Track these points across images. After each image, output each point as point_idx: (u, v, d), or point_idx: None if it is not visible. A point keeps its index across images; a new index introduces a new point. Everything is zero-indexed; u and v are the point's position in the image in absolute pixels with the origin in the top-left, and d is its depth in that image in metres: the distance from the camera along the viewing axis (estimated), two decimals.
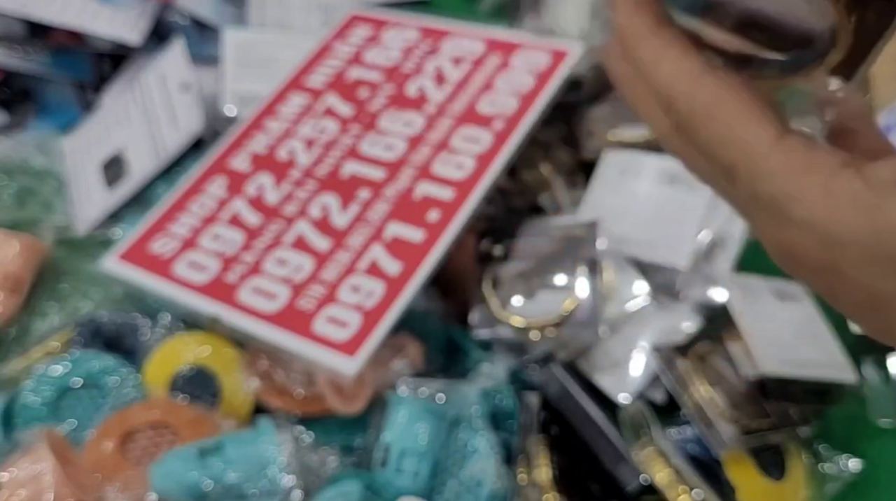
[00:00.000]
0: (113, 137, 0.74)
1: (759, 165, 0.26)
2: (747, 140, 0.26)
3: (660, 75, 0.27)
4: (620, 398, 0.57)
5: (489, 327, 0.60)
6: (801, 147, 0.25)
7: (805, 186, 0.25)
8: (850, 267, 0.24)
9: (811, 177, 0.25)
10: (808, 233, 0.25)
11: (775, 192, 0.25)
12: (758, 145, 0.26)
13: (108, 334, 0.60)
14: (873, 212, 0.24)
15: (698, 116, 0.27)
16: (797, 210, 0.25)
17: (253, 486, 0.50)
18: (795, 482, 0.55)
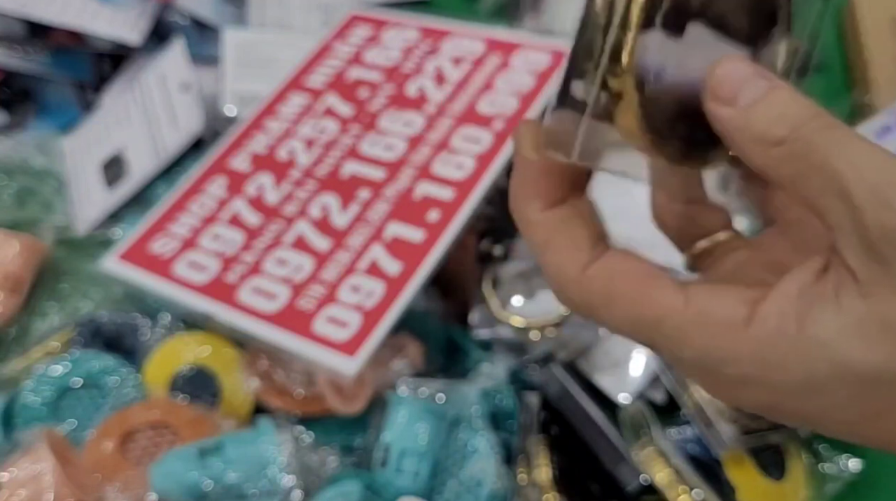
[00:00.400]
0: (113, 137, 0.74)
1: (673, 337, 0.26)
2: (652, 316, 0.26)
3: (548, 271, 0.28)
4: (620, 398, 0.57)
5: (489, 327, 0.60)
6: (709, 305, 0.25)
7: (730, 344, 0.25)
8: (789, 402, 0.25)
9: (728, 335, 0.25)
10: (744, 385, 0.25)
11: (699, 356, 0.25)
12: (665, 318, 0.26)
13: (108, 334, 0.60)
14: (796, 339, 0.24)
15: (596, 306, 0.27)
16: (726, 370, 0.25)
17: (253, 486, 0.50)
18: (795, 482, 0.55)
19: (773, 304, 0.24)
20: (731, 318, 0.25)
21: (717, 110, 0.26)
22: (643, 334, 0.26)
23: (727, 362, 0.25)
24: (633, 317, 0.26)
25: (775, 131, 0.25)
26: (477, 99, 0.68)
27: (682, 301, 0.26)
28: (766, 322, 0.24)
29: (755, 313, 0.25)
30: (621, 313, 0.26)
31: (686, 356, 0.26)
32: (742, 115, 0.25)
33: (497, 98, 0.68)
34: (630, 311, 0.26)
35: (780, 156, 0.25)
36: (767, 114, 0.25)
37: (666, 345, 0.26)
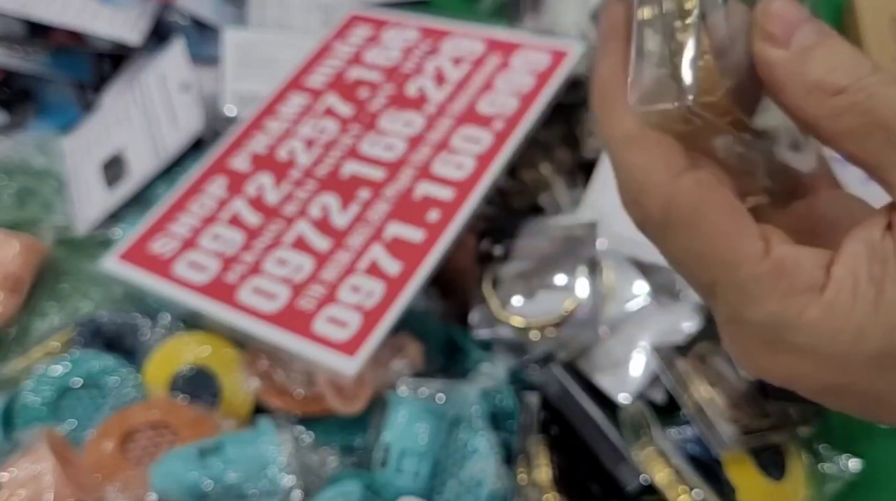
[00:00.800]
0: (113, 137, 0.74)
1: (743, 287, 0.23)
2: (733, 261, 0.23)
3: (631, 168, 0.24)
4: (620, 398, 0.57)
5: (489, 327, 0.60)
6: (789, 262, 0.23)
7: (802, 309, 0.22)
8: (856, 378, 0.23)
9: (806, 296, 0.22)
10: (808, 358, 0.23)
11: (766, 318, 0.23)
12: (746, 268, 0.23)
13: (108, 334, 0.60)
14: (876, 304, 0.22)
15: (673, 225, 0.24)
16: (796, 337, 0.23)
17: (253, 486, 0.50)
18: (795, 482, 0.55)
19: (844, 266, 0.22)
20: (810, 280, 0.23)
21: (768, 52, 0.24)
22: (709, 274, 0.23)
23: (797, 328, 0.22)
24: (707, 251, 0.23)
25: (835, 79, 0.23)
26: (477, 99, 0.68)
27: (761, 250, 0.23)
28: (841, 286, 0.22)
29: (829, 277, 0.22)
30: (697, 241, 0.23)
31: (751, 314, 0.23)
32: (798, 58, 0.23)
33: (497, 98, 0.68)
34: (708, 243, 0.23)
35: (838, 107, 0.23)
36: (827, 61, 0.23)
37: (730, 296, 0.23)
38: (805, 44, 0.23)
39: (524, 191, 0.69)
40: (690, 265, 0.24)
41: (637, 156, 0.24)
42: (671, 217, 0.23)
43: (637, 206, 0.24)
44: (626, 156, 0.24)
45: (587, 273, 0.60)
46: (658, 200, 0.24)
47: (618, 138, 0.24)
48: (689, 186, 0.23)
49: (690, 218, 0.23)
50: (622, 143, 0.24)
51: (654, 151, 0.24)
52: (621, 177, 0.24)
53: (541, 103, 0.66)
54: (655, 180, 0.24)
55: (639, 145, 0.24)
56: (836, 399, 0.24)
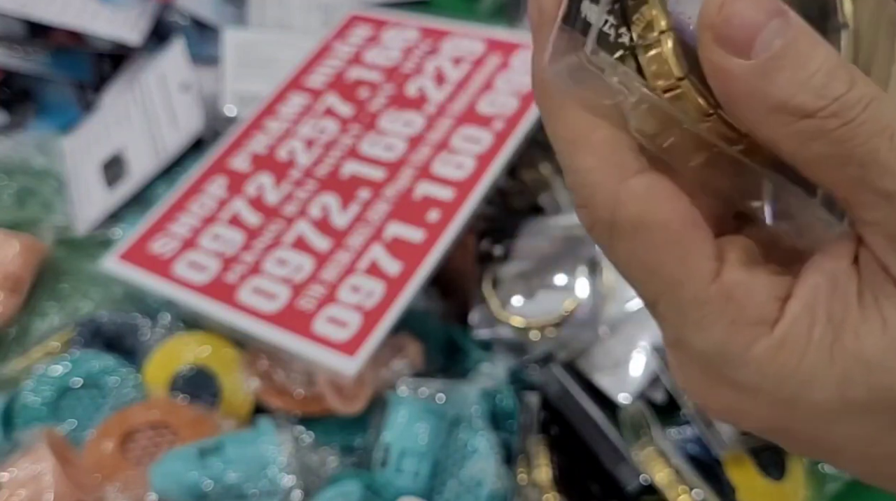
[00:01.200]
0: (113, 137, 0.74)
1: (687, 310, 0.21)
2: (678, 278, 0.21)
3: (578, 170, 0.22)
4: (620, 398, 0.57)
5: (489, 327, 0.60)
6: (740, 290, 0.21)
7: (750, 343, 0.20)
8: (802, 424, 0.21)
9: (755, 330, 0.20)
10: (750, 395, 0.21)
11: (709, 348, 0.21)
12: (691, 287, 0.21)
13: (108, 334, 0.60)
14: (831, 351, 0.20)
15: (618, 231, 0.21)
16: (740, 373, 0.20)
17: (253, 486, 0.50)
18: (795, 482, 0.55)
19: (801, 302, 0.20)
20: (761, 312, 0.20)
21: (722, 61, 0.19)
22: (652, 289, 0.21)
23: (742, 364, 0.20)
24: (651, 263, 0.21)
25: (805, 100, 0.19)
26: (477, 99, 0.68)
27: (710, 271, 0.21)
28: (795, 324, 0.20)
29: (783, 311, 0.20)
30: (641, 251, 0.21)
31: (693, 340, 0.21)
32: (759, 72, 0.19)
33: (497, 98, 0.68)
34: (652, 254, 0.21)
35: (805, 133, 0.19)
36: (796, 75, 0.19)
37: (672, 317, 0.21)
38: (770, 51, 0.19)
39: (524, 191, 0.69)
40: (634, 276, 0.22)
41: (584, 157, 0.22)
42: (617, 222, 0.21)
43: (584, 211, 0.22)
44: (573, 158, 0.22)
45: (587, 273, 0.60)
46: (605, 204, 0.21)
47: (565, 139, 0.22)
48: (637, 190, 0.21)
49: (636, 224, 0.21)
50: (570, 144, 0.22)
51: (603, 151, 0.21)
52: (569, 179, 0.22)
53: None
54: (602, 183, 0.21)
55: (587, 145, 0.22)
56: (784, 441, 0.22)
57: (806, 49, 0.19)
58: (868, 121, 0.19)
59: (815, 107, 0.19)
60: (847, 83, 0.19)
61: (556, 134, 0.22)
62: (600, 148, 0.21)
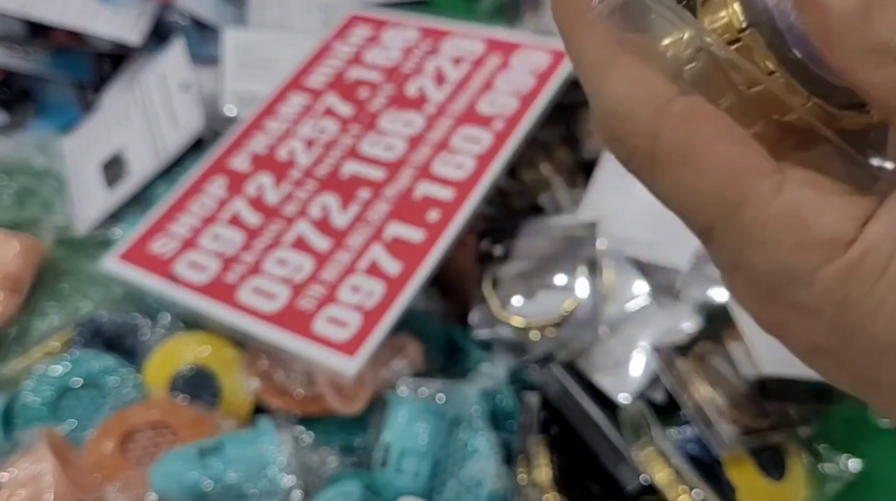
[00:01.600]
0: (113, 137, 0.74)
1: (747, 231, 0.19)
2: (735, 199, 0.19)
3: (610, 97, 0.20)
4: (620, 398, 0.57)
5: (489, 327, 0.60)
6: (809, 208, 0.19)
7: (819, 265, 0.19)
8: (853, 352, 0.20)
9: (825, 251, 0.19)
10: (808, 316, 0.20)
11: (771, 269, 0.19)
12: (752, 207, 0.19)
13: (108, 334, 0.60)
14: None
15: (661, 160, 0.20)
16: (803, 294, 0.19)
17: (253, 486, 0.50)
18: (795, 482, 0.55)
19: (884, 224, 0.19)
20: (833, 231, 0.19)
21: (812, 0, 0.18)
22: (706, 215, 0.20)
23: (806, 286, 0.19)
24: (703, 187, 0.19)
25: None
26: (477, 99, 0.68)
27: (774, 185, 0.19)
28: (872, 247, 0.18)
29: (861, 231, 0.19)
30: (690, 177, 0.20)
31: (753, 260, 0.19)
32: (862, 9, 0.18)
33: (497, 98, 0.68)
34: (703, 178, 0.19)
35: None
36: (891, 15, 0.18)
37: (730, 240, 0.20)
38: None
39: (524, 191, 0.69)
40: (684, 205, 0.20)
41: (615, 82, 0.20)
42: (658, 151, 0.20)
43: (619, 143, 0.20)
44: (602, 82, 0.20)
45: (587, 273, 0.60)
46: (644, 133, 0.20)
47: (592, 61, 0.20)
48: (679, 114, 0.20)
49: (682, 150, 0.19)
50: (597, 67, 0.20)
51: (635, 74, 0.20)
52: (600, 108, 0.20)
53: (541, 103, 0.66)
54: (638, 109, 0.20)
55: (617, 68, 0.20)
56: (828, 367, 0.21)
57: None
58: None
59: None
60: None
61: (582, 56, 0.21)
62: (632, 71, 0.20)
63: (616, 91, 0.20)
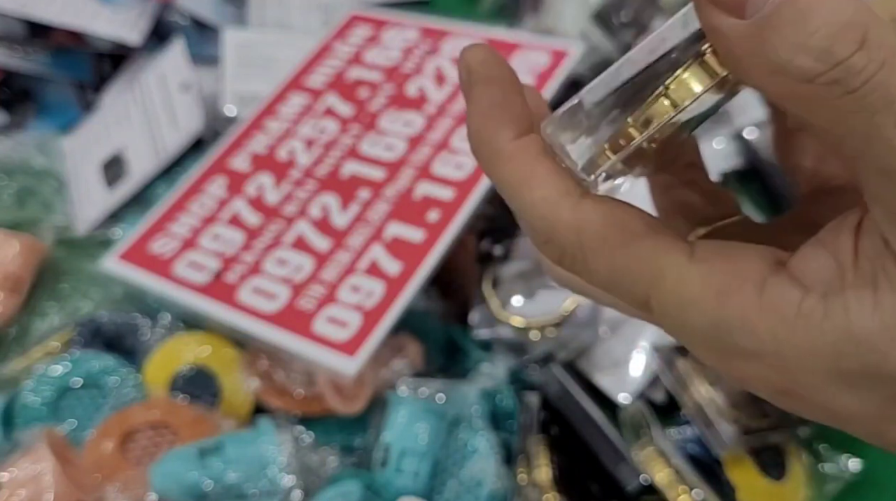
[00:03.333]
0: (113, 137, 0.74)
1: (675, 294, 0.21)
2: (657, 272, 0.21)
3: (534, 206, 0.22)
4: (620, 398, 0.57)
5: (489, 327, 0.60)
6: (718, 259, 0.21)
7: (738, 311, 0.20)
8: (807, 390, 0.20)
9: (741, 298, 0.20)
10: (756, 361, 0.21)
11: (706, 324, 0.21)
12: (673, 274, 0.21)
13: (108, 334, 0.60)
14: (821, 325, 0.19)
15: (590, 250, 0.22)
16: (738, 340, 0.20)
17: (253, 486, 0.50)
18: (795, 482, 0.55)
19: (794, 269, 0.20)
20: (745, 276, 0.20)
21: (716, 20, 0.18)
22: (640, 289, 0.22)
23: (739, 331, 0.20)
24: (630, 267, 0.21)
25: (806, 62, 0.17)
26: None
27: (685, 250, 0.21)
28: (785, 292, 0.20)
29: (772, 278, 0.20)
30: (620, 259, 0.21)
31: (689, 320, 0.21)
32: (756, 31, 0.18)
33: None
34: (629, 257, 0.21)
35: (809, 98, 0.18)
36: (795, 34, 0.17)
37: (665, 306, 0.21)
38: (767, 9, 0.17)
39: None
40: (618, 285, 0.22)
41: (536, 191, 0.22)
42: (585, 244, 0.22)
43: (550, 244, 0.22)
44: (525, 196, 0.22)
45: None
46: (569, 227, 0.22)
47: (512, 182, 0.23)
48: (594, 204, 0.22)
49: (603, 235, 0.21)
50: (519, 185, 0.22)
51: (552, 181, 0.22)
52: (527, 216, 0.22)
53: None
54: (559, 209, 0.22)
55: (535, 179, 0.22)
56: (798, 407, 0.22)
57: (806, 4, 0.17)
58: (873, 91, 0.17)
59: (813, 72, 0.17)
60: (854, 44, 0.17)
61: (503, 179, 0.23)
62: (549, 179, 0.22)
63: (537, 197, 0.22)
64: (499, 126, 0.23)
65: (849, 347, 0.19)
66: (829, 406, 0.20)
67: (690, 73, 0.20)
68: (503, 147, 0.23)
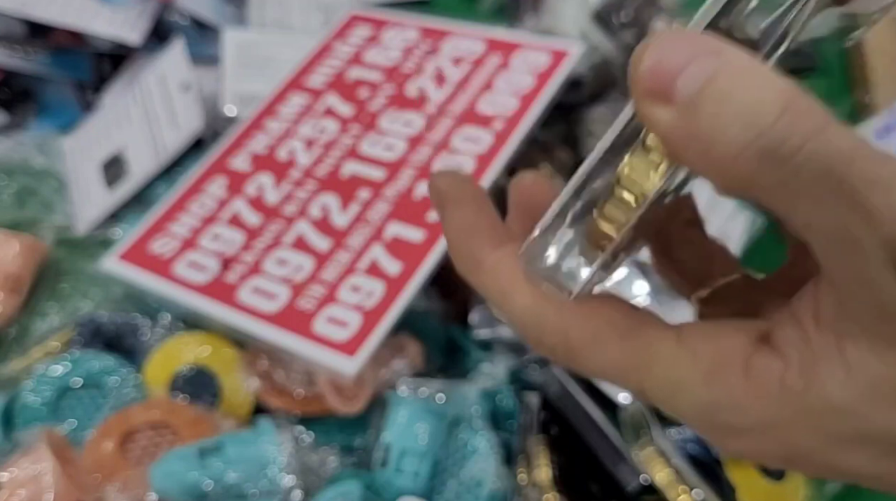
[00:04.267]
0: (113, 137, 0.74)
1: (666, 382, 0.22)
2: (642, 358, 0.22)
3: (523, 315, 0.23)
4: (620, 398, 0.57)
5: (489, 327, 0.60)
6: (704, 342, 0.22)
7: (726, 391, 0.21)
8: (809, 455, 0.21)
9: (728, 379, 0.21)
10: (752, 437, 0.21)
11: (698, 405, 0.21)
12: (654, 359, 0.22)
13: (108, 334, 0.60)
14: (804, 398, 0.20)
15: (580, 350, 0.23)
16: (729, 419, 0.21)
17: (253, 486, 0.50)
18: (795, 482, 0.55)
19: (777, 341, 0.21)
20: (729, 359, 0.21)
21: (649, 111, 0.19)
22: (633, 377, 0.23)
23: (729, 411, 0.21)
24: (620, 361, 0.22)
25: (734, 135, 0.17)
26: (477, 99, 0.68)
27: (672, 336, 0.22)
28: (768, 370, 0.20)
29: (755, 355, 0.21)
30: (609, 354, 0.23)
31: (681, 402, 0.22)
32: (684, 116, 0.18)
33: (497, 98, 0.68)
34: (617, 352, 0.22)
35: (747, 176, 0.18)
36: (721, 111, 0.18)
37: (658, 391, 0.22)
38: (690, 92, 0.18)
39: None
40: (614, 377, 0.23)
41: (521, 299, 0.23)
42: (574, 344, 0.23)
43: (541, 346, 0.23)
44: (512, 304, 0.23)
45: None
46: (556, 331, 0.23)
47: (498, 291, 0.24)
48: (577, 308, 0.23)
49: (591, 336, 0.22)
50: (505, 294, 0.24)
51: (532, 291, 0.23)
52: (515, 323, 0.24)
53: (541, 103, 0.66)
54: (545, 314, 0.23)
55: (519, 288, 0.23)
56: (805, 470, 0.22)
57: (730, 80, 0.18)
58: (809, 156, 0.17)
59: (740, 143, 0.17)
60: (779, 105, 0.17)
61: (489, 290, 0.24)
62: (530, 288, 0.23)
63: (520, 307, 0.23)
64: (475, 241, 0.24)
65: (834, 417, 0.20)
66: (837, 467, 0.21)
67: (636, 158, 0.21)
68: (483, 260, 0.24)
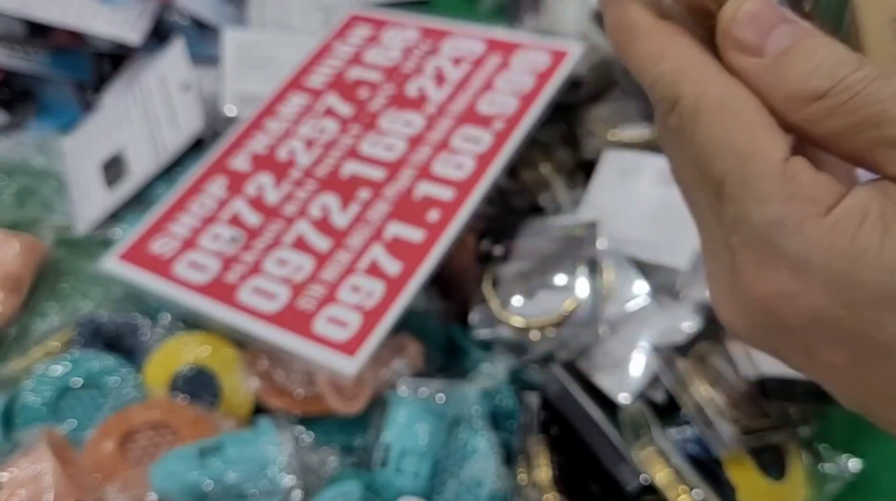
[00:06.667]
0: (113, 137, 0.74)
1: (751, 182, 0.23)
2: (750, 153, 0.23)
3: (664, 69, 0.25)
4: (620, 398, 0.57)
5: (489, 327, 0.60)
6: (804, 174, 0.22)
7: (805, 217, 0.22)
8: (850, 318, 0.22)
9: (812, 207, 0.22)
10: (803, 276, 0.22)
11: (766, 219, 0.22)
12: (760, 162, 0.23)
13: (108, 334, 0.60)
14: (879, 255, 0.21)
15: (702, 115, 0.24)
16: (792, 244, 0.22)
17: (253, 486, 0.50)
18: (795, 482, 0.55)
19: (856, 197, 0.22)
20: (820, 195, 0.22)
21: (739, 61, 0.24)
22: (723, 164, 0.23)
23: (794, 235, 0.22)
24: (728, 139, 0.23)
25: (814, 84, 0.22)
26: (477, 99, 0.68)
27: (780, 151, 0.23)
28: (849, 211, 0.22)
29: (840, 201, 0.22)
30: (722, 130, 0.23)
31: (751, 212, 0.22)
32: (773, 67, 0.23)
33: (497, 98, 0.68)
34: (731, 132, 0.23)
35: (819, 112, 0.22)
36: (804, 64, 0.22)
37: (736, 191, 0.23)
38: (780, 48, 0.23)
39: (524, 191, 0.69)
40: (707, 153, 0.24)
41: (670, 62, 0.24)
42: (700, 104, 0.24)
43: (672, 88, 0.24)
44: (660, 67, 0.25)
45: (587, 273, 0.60)
46: (692, 87, 0.24)
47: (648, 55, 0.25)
48: (723, 77, 0.24)
49: (721, 103, 0.23)
50: (654, 58, 0.25)
51: (689, 53, 0.24)
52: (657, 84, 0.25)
53: (541, 103, 0.66)
54: (690, 73, 0.24)
55: (671, 53, 0.25)
56: (830, 338, 0.22)
57: (812, 42, 0.23)
58: (874, 90, 0.22)
59: (825, 88, 0.22)
60: (853, 66, 0.22)
61: (640, 54, 0.25)
62: (685, 52, 0.25)
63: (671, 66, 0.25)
64: (636, 8, 0.25)
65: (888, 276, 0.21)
66: (872, 333, 0.22)
67: None
68: (642, 19, 0.25)
